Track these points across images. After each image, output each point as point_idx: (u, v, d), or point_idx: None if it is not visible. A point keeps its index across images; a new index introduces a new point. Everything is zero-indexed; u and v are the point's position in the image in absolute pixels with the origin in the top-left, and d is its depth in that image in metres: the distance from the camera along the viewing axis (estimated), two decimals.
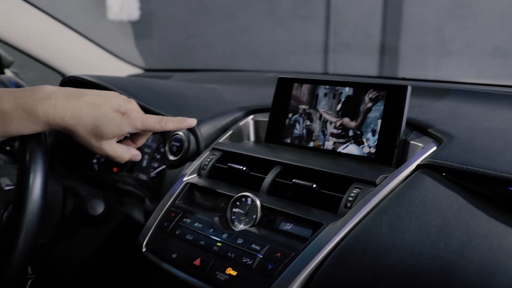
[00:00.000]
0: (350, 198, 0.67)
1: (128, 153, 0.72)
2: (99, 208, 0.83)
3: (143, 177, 1.16)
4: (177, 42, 4.26)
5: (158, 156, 1.14)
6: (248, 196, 0.73)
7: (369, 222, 0.62)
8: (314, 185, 0.71)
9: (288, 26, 4.20)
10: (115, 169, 1.23)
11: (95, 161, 1.25)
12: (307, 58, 4.19)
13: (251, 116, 0.99)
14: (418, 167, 0.70)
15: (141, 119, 0.72)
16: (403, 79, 1.20)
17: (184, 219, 0.76)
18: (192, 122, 0.79)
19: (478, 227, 0.58)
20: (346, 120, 0.84)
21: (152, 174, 1.14)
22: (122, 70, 1.63)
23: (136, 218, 1.03)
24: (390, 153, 0.78)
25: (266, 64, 3.95)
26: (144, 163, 1.17)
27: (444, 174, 0.67)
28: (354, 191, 0.68)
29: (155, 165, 1.14)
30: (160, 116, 0.74)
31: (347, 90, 0.85)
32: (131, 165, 1.19)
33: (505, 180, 0.62)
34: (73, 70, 1.52)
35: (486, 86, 1.06)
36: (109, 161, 1.24)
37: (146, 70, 1.63)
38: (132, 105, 0.71)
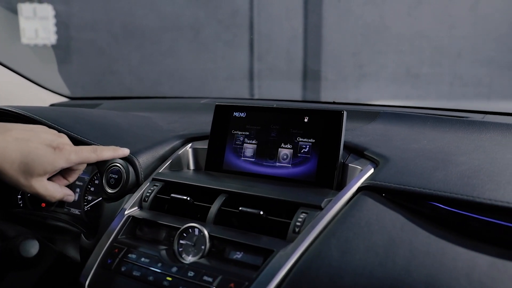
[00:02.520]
0: (298, 223, 0.68)
1: (60, 191, 0.68)
2: (33, 249, 0.77)
3: (76, 211, 1.10)
4: (99, 68, 4.13)
5: (92, 189, 1.09)
6: (195, 227, 0.72)
7: (319, 247, 0.64)
8: (261, 212, 0.71)
9: (213, 51, 4.24)
10: (43, 205, 1.16)
11: (19, 196, 1.17)
12: (233, 83, 4.24)
13: (190, 144, 0.98)
14: (359, 189, 0.73)
15: (75, 152, 0.69)
16: (334, 103, 1.25)
17: (129, 255, 0.73)
18: (126, 151, 0.78)
19: (421, 244, 0.62)
20: (284, 145, 0.86)
21: (86, 208, 1.08)
22: (44, 99, 1.55)
23: (72, 255, 0.98)
24: (331, 177, 0.80)
25: (193, 89, 3.95)
26: (77, 197, 1.11)
27: (384, 194, 0.70)
28: (301, 216, 0.69)
29: (89, 198, 1.09)
30: (93, 146, 0.71)
31: (284, 117, 0.87)
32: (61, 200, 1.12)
33: (438, 197, 0.66)
34: None
35: (410, 108, 1.14)
36: (35, 196, 1.16)
37: (71, 98, 1.56)
38: (63, 139, 0.68)
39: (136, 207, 0.83)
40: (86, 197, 1.09)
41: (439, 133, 0.93)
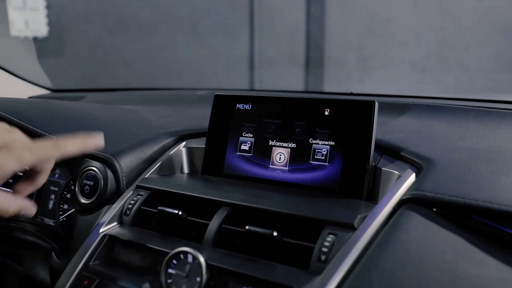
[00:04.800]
0: (325, 249, 0.51)
1: (13, 204, 0.52)
2: None
3: (50, 222, 0.93)
4: (93, 61, 3.95)
5: (68, 196, 0.92)
6: (187, 252, 0.55)
7: (356, 283, 0.47)
8: (275, 233, 0.54)
9: (212, 43, 4.06)
10: None
11: None
12: (233, 75, 4.07)
13: (183, 143, 0.81)
14: (402, 202, 0.56)
15: (29, 149, 0.52)
16: (351, 94, 1.08)
17: None
18: (100, 142, 0.60)
19: (494, 279, 0.45)
20: (301, 144, 0.69)
21: (61, 218, 0.91)
22: (23, 92, 1.38)
23: (41, 278, 0.81)
24: (359, 183, 0.64)
25: (192, 82, 3.78)
26: (51, 205, 0.94)
27: (435, 209, 0.54)
28: (329, 239, 0.52)
29: (65, 207, 0.92)
30: (54, 139, 0.54)
31: (300, 109, 0.71)
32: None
33: None
34: None
35: (443, 99, 0.96)
36: None
37: (54, 90, 1.39)
38: (14, 135, 0.51)
39: (115, 223, 0.67)
40: (61, 206, 0.92)
41: (488, 129, 0.76)
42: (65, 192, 0.92)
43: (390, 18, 4.28)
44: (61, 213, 0.92)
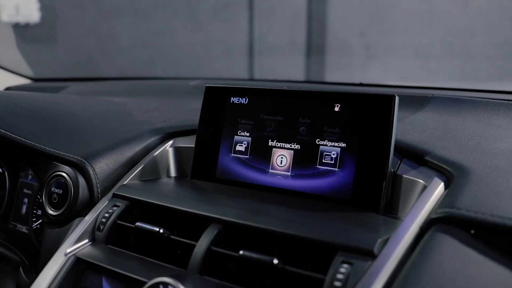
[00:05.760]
0: (337, 284, 0.41)
1: None
2: None
3: (23, 229, 0.83)
4: (88, 48, 3.84)
5: (41, 200, 0.82)
6: (168, 284, 0.44)
7: None
8: (275, 260, 0.44)
9: (210, 29, 3.94)
10: None
11: None
12: (232, 63, 3.96)
13: (170, 142, 0.71)
14: (432, 221, 0.45)
15: None
16: (360, 84, 0.97)
17: None
18: None
19: None
20: (306, 145, 0.59)
21: (35, 225, 0.81)
22: (2, 82, 1.27)
23: None
24: (376, 193, 0.53)
25: (189, 70, 3.66)
26: (24, 210, 0.84)
27: (473, 231, 0.43)
28: (342, 270, 0.42)
29: (39, 212, 0.81)
30: None
31: (305, 104, 0.60)
32: (5, 212, 0.85)
33: None
34: None
35: (467, 91, 0.85)
36: None
37: (35, 80, 1.28)
38: None
39: (86, 240, 0.56)
40: (34, 211, 0.82)
41: None
42: (38, 196, 0.82)
43: (394, 4, 4.15)
44: (34, 219, 0.81)
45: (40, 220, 0.81)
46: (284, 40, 4.09)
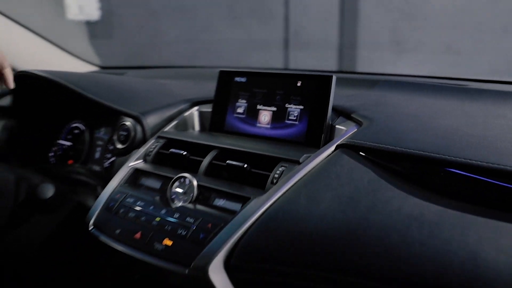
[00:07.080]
0: (276, 175, 0.75)
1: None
2: (49, 192, 0.88)
3: (97, 168, 1.21)
4: (139, 42, 4.27)
5: (111, 147, 1.19)
6: (186, 177, 0.79)
7: (290, 195, 0.70)
8: (246, 165, 0.78)
9: (248, 25, 4.28)
10: (70, 162, 1.28)
11: (51, 154, 1.29)
12: (269, 56, 4.27)
13: (196, 108, 1.06)
14: (338, 147, 0.78)
15: None
16: (341, 72, 1.29)
17: (128, 199, 0.82)
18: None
19: (383, 195, 0.67)
20: (279, 107, 0.92)
21: (106, 164, 1.19)
22: (77, 68, 1.67)
23: (89, 205, 1.09)
24: (318, 137, 0.86)
25: (228, 62, 4.02)
26: (97, 155, 1.22)
27: (361, 152, 0.75)
28: (280, 169, 0.75)
29: (109, 155, 1.19)
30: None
31: (280, 81, 0.93)
32: (86, 157, 1.24)
33: (409, 155, 0.71)
34: (27, 68, 1.55)
35: (412, 77, 1.16)
36: (65, 154, 1.28)
37: (102, 67, 1.67)
38: None
39: (141, 160, 0.92)
40: (106, 155, 1.19)
41: (433, 100, 0.96)
42: (108, 145, 1.20)
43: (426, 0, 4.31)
44: (105, 161, 1.19)
45: (109, 160, 1.18)
46: (318, 36, 4.36)
